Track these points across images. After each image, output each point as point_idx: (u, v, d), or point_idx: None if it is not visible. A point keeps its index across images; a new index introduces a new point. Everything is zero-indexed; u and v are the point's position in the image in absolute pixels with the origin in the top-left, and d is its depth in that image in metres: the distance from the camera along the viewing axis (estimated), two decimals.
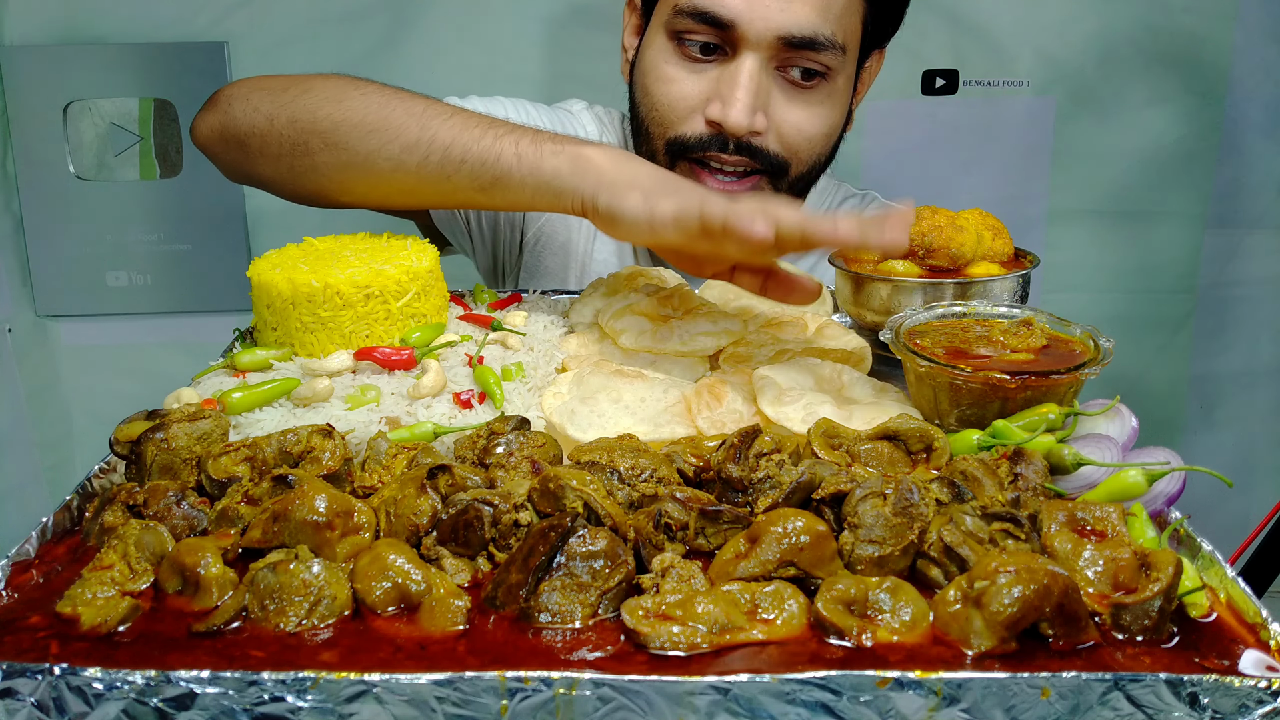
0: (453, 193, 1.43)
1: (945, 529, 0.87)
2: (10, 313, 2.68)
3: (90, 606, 0.83)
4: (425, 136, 1.40)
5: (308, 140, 1.47)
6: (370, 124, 1.43)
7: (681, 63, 1.65)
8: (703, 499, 0.94)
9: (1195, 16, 2.67)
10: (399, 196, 1.50)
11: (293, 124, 1.48)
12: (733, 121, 1.60)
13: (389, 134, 1.42)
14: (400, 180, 1.44)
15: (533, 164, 1.35)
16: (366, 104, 1.45)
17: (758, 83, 1.60)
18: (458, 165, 1.39)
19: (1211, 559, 0.88)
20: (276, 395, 1.18)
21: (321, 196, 1.56)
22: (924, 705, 0.74)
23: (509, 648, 0.79)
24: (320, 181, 1.51)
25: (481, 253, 1.98)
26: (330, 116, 1.45)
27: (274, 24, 2.61)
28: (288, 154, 1.50)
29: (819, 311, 1.51)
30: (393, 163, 1.42)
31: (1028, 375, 1.08)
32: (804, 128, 1.67)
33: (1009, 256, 1.44)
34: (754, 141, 1.64)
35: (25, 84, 2.60)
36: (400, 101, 1.45)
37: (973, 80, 2.75)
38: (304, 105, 1.48)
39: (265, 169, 1.56)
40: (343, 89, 1.48)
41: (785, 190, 1.73)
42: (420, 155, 1.40)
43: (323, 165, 1.48)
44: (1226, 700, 0.74)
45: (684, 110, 1.66)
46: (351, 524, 0.90)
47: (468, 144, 1.38)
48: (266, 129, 1.51)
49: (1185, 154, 2.78)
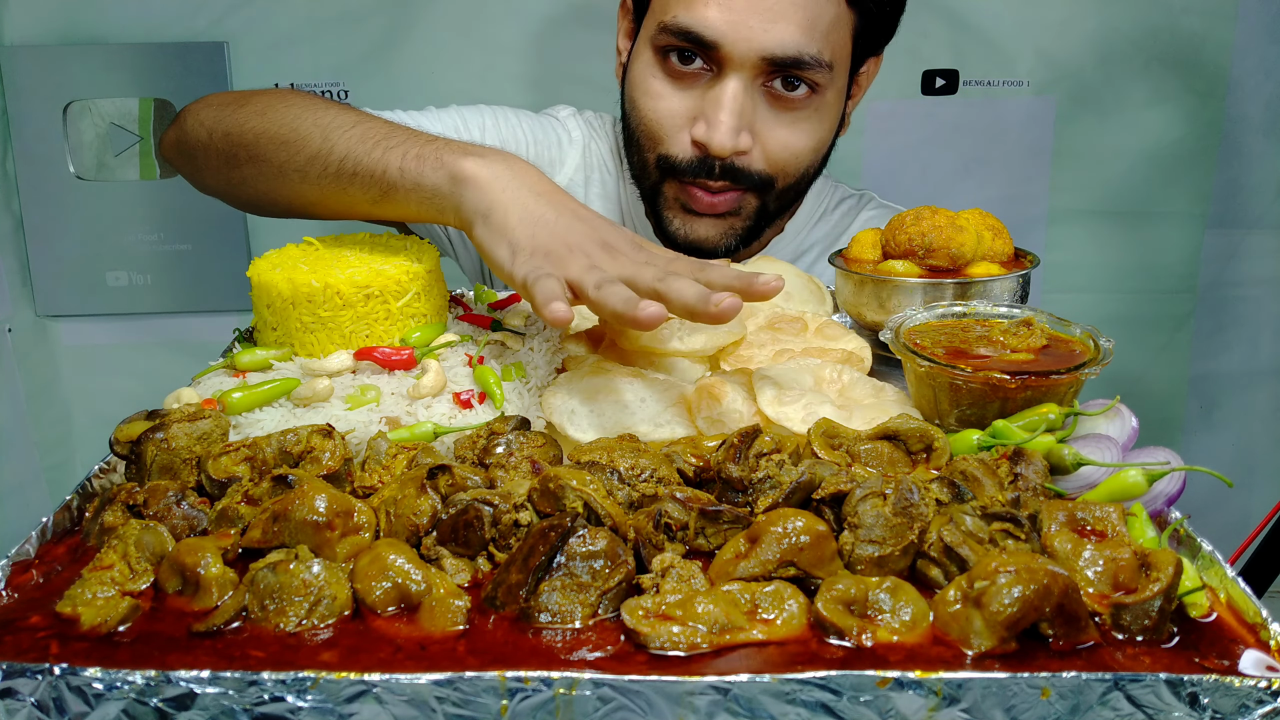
0: (352, 205, 1.40)
1: (945, 529, 0.87)
2: (10, 313, 2.68)
3: (90, 606, 0.83)
4: (325, 148, 1.38)
5: (236, 153, 1.51)
6: (283, 136, 1.43)
7: (667, 79, 1.65)
8: (703, 499, 0.94)
9: (1195, 16, 2.67)
10: (313, 208, 1.48)
11: (226, 138, 1.53)
12: (717, 144, 1.60)
13: (296, 146, 1.41)
14: (308, 191, 1.43)
15: (414, 179, 1.30)
16: (283, 117, 1.45)
17: (741, 103, 1.60)
18: (350, 178, 1.36)
19: (1211, 559, 0.88)
20: (276, 395, 1.18)
21: (257, 206, 1.60)
22: (924, 705, 0.74)
23: (509, 648, 0.79)
24: (248, 192, 1.55)
25: (465, 258, 1.98)
26: (253, 129, 1.47)
27: (274, 24, 2.61)
28: (224, 166, 1.55)
29: (819, 311, 1.51)
30: (300, 174, 1.42)
31: (1028, 375, 1.08)
32: (791, 144, 1.67)
33: (1009, 256, 1.44)
34: (738, 163, 1.64)
35: (25, 84, 2.60)
36: (314, 114, 1.43)
37: (973, 80, 2.75)
38: (235, 120, 1.51)
39: (210, 181, 1.63)
40: (273, 103, 1.49)
41: (773, 203, 1.73)
42: (320, 167, 1.39)
43: (249, 177, 1.50)
44: (1226, 700, 0.74)
45: (670, 128, 1.66)
46: (351, 524, 0.90)
47: (359, 156, 1.35)
48: (207, 142, 1.56)
49: (1185, 154, 2.78)
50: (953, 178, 2.82)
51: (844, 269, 1.44)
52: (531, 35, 2.67)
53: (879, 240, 1.46)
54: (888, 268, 1.41)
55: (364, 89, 2.67)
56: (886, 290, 1.39)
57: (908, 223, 1.40)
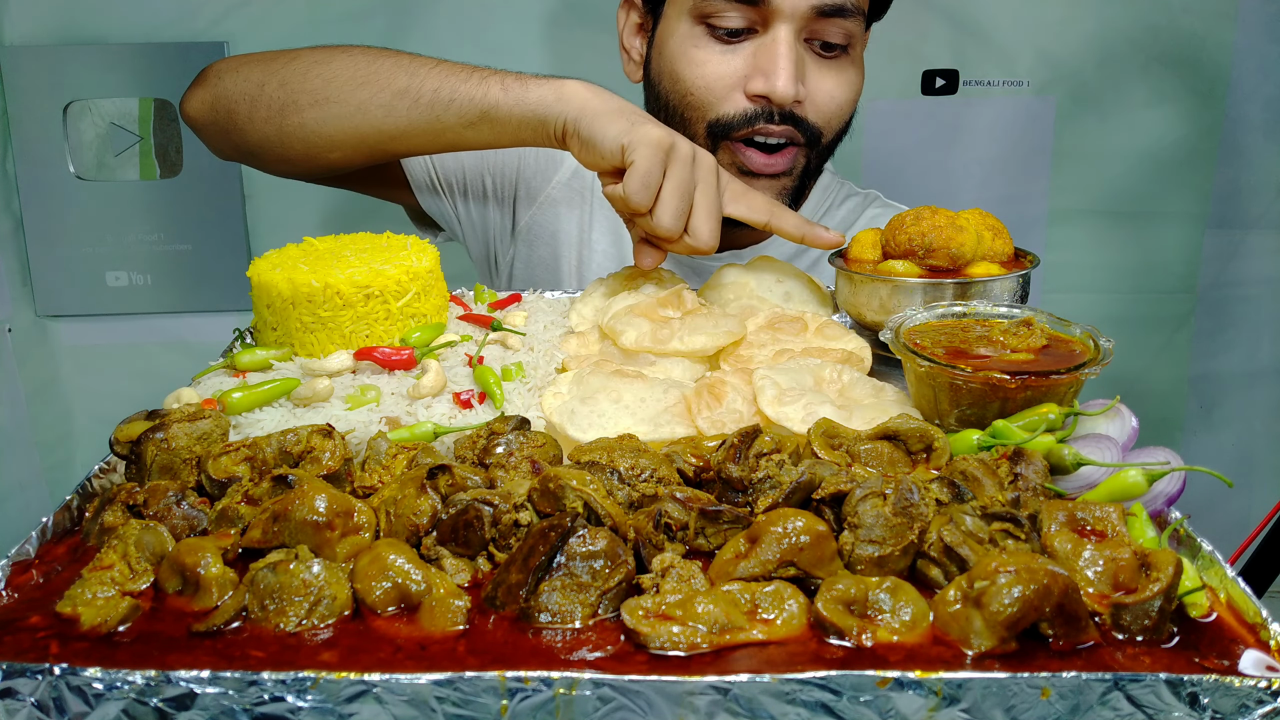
0: (441, 132, 1.55)
1: (945, 529, 0.87)
2: (10, 313, 2.68)
3: (90, 606, 0.83)
4: (414, 83, 1.55)
5: (297, 99, 1.61)
6: (360, 77, 1.58)
7: (713, 44, 1.67)
8: (703, 499, 0.94)
9: (1195, 16, 2.68)
10: (386, 143, 1.61)
11: (283, 86, 1.63)
12: (781, 91, 1.62)
13: (379, 84, 1.56)
14: (390, 125, 1.57)
15: (519, 94, 1.48)
16: (354, 62, 1.60)
17: (796, 52, 1.63)
18: (446, 105, 1.53)
19: (1211, 559, 0.88)
20: (276, 395, 1.18)
21: (308, 157, 1.67)
22: (924, 705, 0.74)
23: (509, 648, 0.79)
24: (309, 138, 1.63)
25: (473, 239, 1.99)
26: (321, 75, 1.60)
27: (274, 24, 2.61)
28: (277, 115, 1.63)
29: (819, 311, 1.51)
30: (384, 109, 1.56)
31: (1028, 375, 1.08)
32: (836, 95, 1.70)
33: (1009, 256, 1.44)
34: (796, 111, 1.67)
35: (25, 84, 2.60)
36: (387, 57, 1.60)
37: (973, 80, 2.75)
38: (294, 69, 1.63)
39: (254, 134, 1.68)
40: (330, 53, 1.65)
41: (815, 161, 1.76)
42: (410, 99, 1.54)
43: (311, 121, 1.62)
44: (1226, 700, 0.74)
45: (722, 90, 1.67)
46: (351, 524, 0.90)
47: (455, 85, 1.53)
48: (257, 94, 1.65)
49: (1185, 154, 2.78)
50: (953, 178, 2.83)
51: (844, 269, 1.44)
52: (532, 35, 2.68)
53: (879, 240, 1.46)
54: (888, 268, 1.41)
55: None
56: (886, 290, 1.39)
57: (908, 223, 1.40)
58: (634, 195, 1.35)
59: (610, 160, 1.40)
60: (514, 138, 1.52)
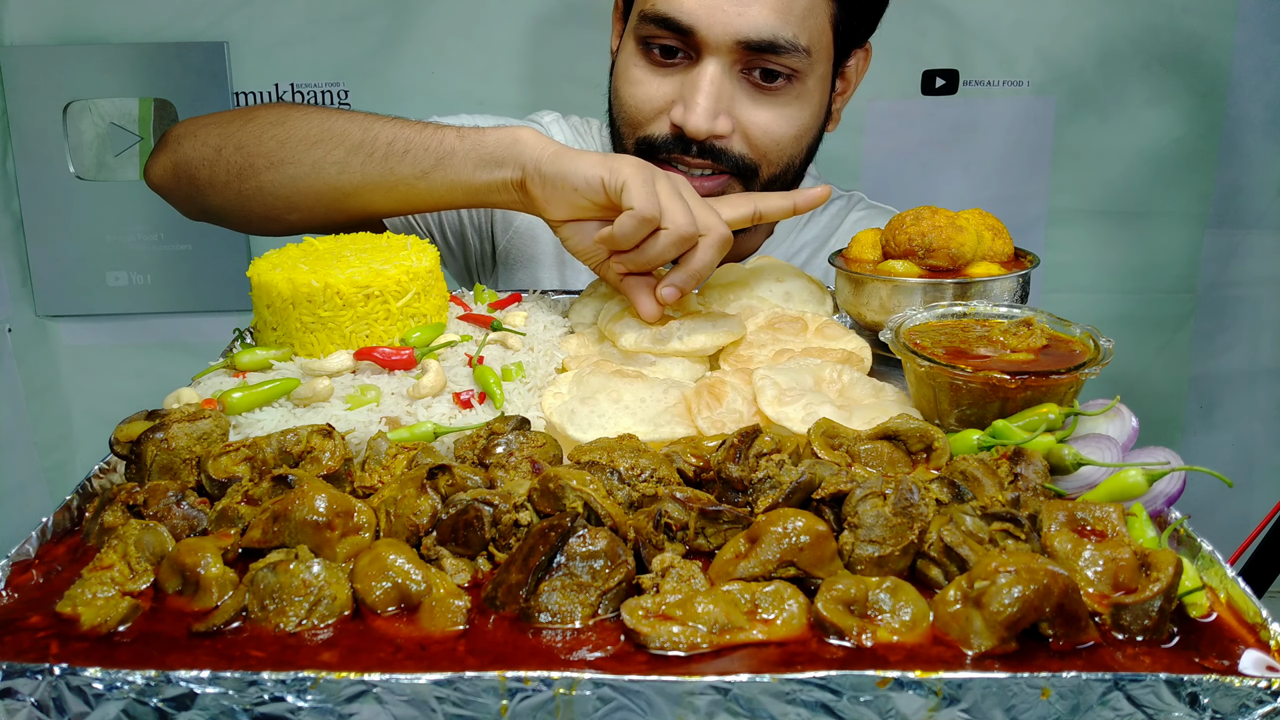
0: (395, 185, 1.52)
1: (945, 529, 0.87)
2: (10, 313, 2.68)
3: (90, 606, 0.83)
4: (369, 137, 1.53)
5: (254, 162, 1.60)
6: (314, 136, 1.56)
7: (648, 67, 1.68)
8: (703, 499, 0.94)
9: (1195, 16, 2.68)
10: (341, 200, 1.58)
11: (240, 150, 1.61)
12: (692, 125, 1.62)
13: (333, 141, 1.55)
14: (345, 181, 1.54)
15: (475, 139, 1.47)
16: (309, 121, 1.59)
17: (718, 87, 1.62)
18: (401, 155, 1.50)
19: (1211, 559, 0.88)
20: (276, 395, 1.18)
21: (269, 219, 1.66)
22: (924, 705, 0.74)
23: (509, 648, 0.79)
24: (267, 200, 1.62)
25: (453, 264, 1.99)
26: (275, 136, 1.59)
27: (274, 24, 2.61)
28: (236, 179, 1.62)
29: (819, 311, 1.51)
30: (338, 165, 1.54)
31: (1028, 375, 1.08)
32: (771, 129, 1.68)
33: (1009, 256, 1.44)
34: (717, 144, 1.66)
35: (25, 84, 2.60)
36: (342, 115, 1.58)
37: (973, 80, 2.75)
38: (249, 132, 1.62)
39: (215, 198, 1.68)
40: (284, 114, 1.62)
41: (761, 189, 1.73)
42: (365, 153, 1.52)
43: (268, 184, 1.60)
44: (1226, 700, 0.74)
45: (650, 112, 1.69)
46: (351, 524, 0.90)
47: (410, 135, 1.51)
48: (215, 158, 1.64)
49: (1185, 154, 2.78)
50: (953, 178, 2.82)
51: (844, 269, 1.44)
52: (531, 35, 2.68)
53: (879, 240, 1.46)
54: (888, 268, 1.41)
55: (363, 89, 2.68)
56: (886, 290, 1.39)
57: (908, 223, 1.40)
58: (645, 206, 1.30)
59: (582, 192, 1.37)
60: (468, 186, 1.48)
